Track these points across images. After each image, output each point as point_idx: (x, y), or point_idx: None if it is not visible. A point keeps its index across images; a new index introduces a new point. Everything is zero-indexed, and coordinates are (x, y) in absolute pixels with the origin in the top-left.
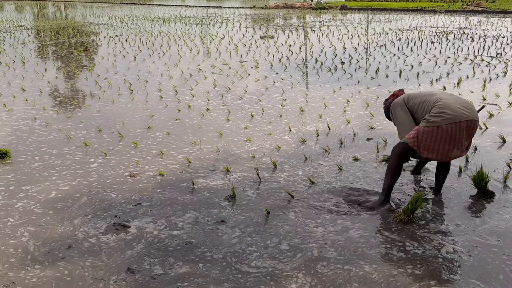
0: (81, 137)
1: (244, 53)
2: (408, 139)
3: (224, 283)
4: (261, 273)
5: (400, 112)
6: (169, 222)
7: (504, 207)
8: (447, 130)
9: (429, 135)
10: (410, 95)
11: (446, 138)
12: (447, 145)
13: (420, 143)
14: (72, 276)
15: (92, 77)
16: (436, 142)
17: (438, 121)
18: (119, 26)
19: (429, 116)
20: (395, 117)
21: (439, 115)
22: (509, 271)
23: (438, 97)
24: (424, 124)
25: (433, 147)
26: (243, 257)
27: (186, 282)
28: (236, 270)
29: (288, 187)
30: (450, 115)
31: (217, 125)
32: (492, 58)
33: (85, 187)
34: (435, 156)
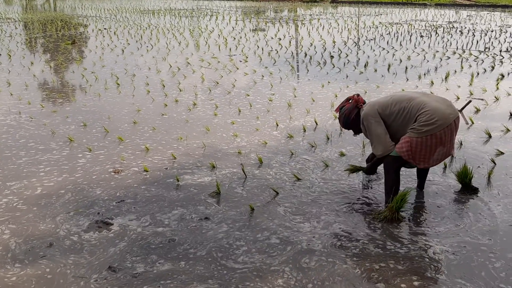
0: (67, 132)
1: (233, 47)
2: (402, 153)
3: (209, 279)
4: (248, 269)
5: (374, 124)
6: (153, 219)
7: (489, 203)
8: (440, 136)
9: (423, 145)
10: (381, 103)
11: (439, 143)
12: (440, 150)
13: (415, 155)
14: (53, 274)
15: (79, 71)
16: (432, 150)
17: (432, 129)
18: (108, 19)
19: (419, 125)
20: (369, 130)
21: (432, 122)
22: (491, 268)
23: (420, 101)
24: (415, 134)
25: (428, 156)
26: (229, 253)
27: (169, 280)
28: (222, 266)
29: (274, 184)
30: (441, 120)
31: (204, 120)
32: (480, 53)
33: (70, 183)
34: (431, 164)
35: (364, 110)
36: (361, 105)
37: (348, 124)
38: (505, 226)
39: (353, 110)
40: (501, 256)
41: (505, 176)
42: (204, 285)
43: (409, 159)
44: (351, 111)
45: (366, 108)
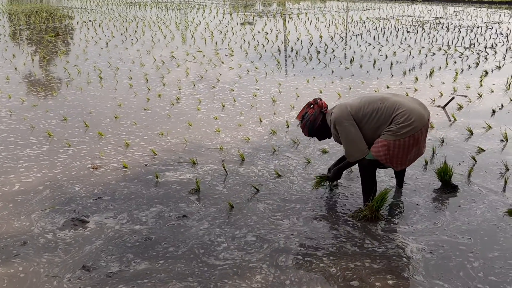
0: (47, 127)
1: (220, 41)
2: (379, 157)
3: (189, 277)
4: (228, 265)
5: (349, 128)
6: (131, 217)
7: (472, 201)
8: (418, 137)
9: (401, 147)
10: (353, 105)
11: (415, 144)
12: (416, 150)
13: (392, 158)
14: (26, 273)
15: (62, 64)
16: (409, 151)
17: (410, 130)
18: (94, 11)
19: (397, 127)
20: (343, 134)
21: (409, 123)
22: (470, 267)
23: (395, 102)
24: (393, 137)
25: (405, 158)
26: (211, 250)
27: (147, 279)
28: (203, 262)
29: (255, 180)
30: (418, 121)
31: (187, 116)
32: (465, 49)
33: (48, 180)
34: (407, 165)
35: (334, 113)
36: (326, 110)
37: (313, 131)
38: (486, 225)
39: (318, 115)
40: (481, 255)
41: (485, 174)
42: (184, 283)
43: (387, 163)
44: (316, 117)
45: (337, 112)
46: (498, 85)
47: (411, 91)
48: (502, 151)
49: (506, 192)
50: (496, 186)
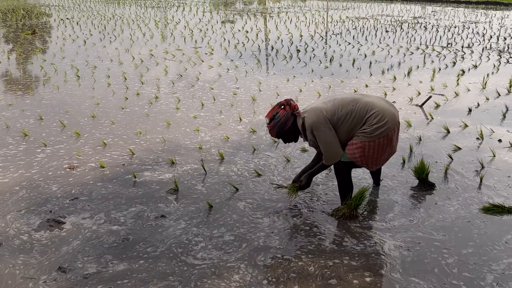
0: (23, 126)
1: (200, 39)
2: (355, 159)
3: (169, 276)
4: (206, 265)
5: (327, 132)
6: (108, 217)
7: (447, 198)
8: (391, 136)
9: (376, 148)
10: (327, 109)
11: (389, 143)
12: (389, 149)
13: (368, 159)
14: (1, 274)
15: (38, 62)
16: (383, 151)
17: (384, 130)
18: (71, 8)
19: (371, 128)
20: (321, 138)
21: (383, 124)
22: (444, 264)
23: (366, 103)
24: (367, 138)
25: (380, 158)
26: (189, 249)
27: (127, 279)
28: (182, 262)
29: (235, 180)
30: (391, 121)
31: (165, 114)
32: (443, 48)
33: (24, 180)
34: (381, 165)
35: (310, 118)
36: (297, 112)
37: (282, 133)
38: (461, 222)
39: (290, 117)
40: (455, 252)
41: (461, 171)
42: (165, 282)
43: (363, 164)
44: (288, 118)
45: (313, 117)
46: (475, 84)
47: (389, 90)
48: (478, 149)
49: (482, 189)
50: (472, 184)
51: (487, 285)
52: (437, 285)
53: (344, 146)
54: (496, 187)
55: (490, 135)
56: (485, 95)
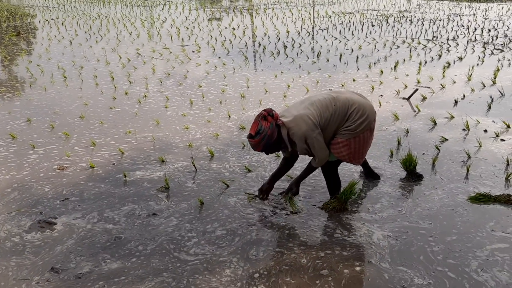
0: (10, 128)
1: (186, 37)
2: (342, 157)
3: (163, 272)
4: (199, 260)
5: (318, 137)
6: (100, 217)
7: (434, 188)
8: (372, 128)
9: (361, 142)
10: (312, 114)
11: (371, 135)
12: (371, 143)
13: (355, 154)
14: None
15: (24, 64)
16: (367, 145)
17: (367, 123)
18: (56, 9)
19: (355, 124)
20: (314, 145)
21: (365, 118)
22: (430, 251)
23: (345, 99)
24: (351, 135)
25: (365, 151)
26: (181, 245)
27: (123, 276)
28: (175, 258)
29: (225, 176)
30: (371, 114)
31: (154, 113)
32: (428, 41)
33: (14, 182)
34: (364, 158)
35: (299, 127)
36: (280, 122)
37: (269, 146)
38: (446, 210)
39: (274, 129)
40: (441, 240)
41: (448, 161)
42: (160, 278)
43: (349, 160)
44: (273, 130)
45: (301, 125)
46: (460, 76)
47: (376, 84)
48: (464, 140)
49: (469, 179)
50: (459, 174)
51: (472, 271)
52: (424, 273)
53: (327, 145)
54: (482, 177)
55: (476, 126)
56: (471, 86)
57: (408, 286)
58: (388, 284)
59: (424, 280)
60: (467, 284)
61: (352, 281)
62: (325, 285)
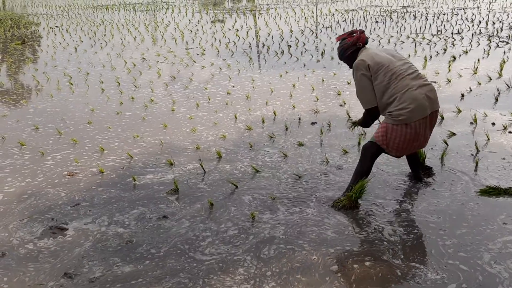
0: (18, 136)
1: (190, 40)
2: (377, 138)
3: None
4: (214, 260)
5: (362, 78)
6: (111, 221)
7: (442, 182)
8: (416, 127)
9: (398, 133)
10: (374, 59)
11: (414, 135)
12: (413, 142)
13: (389, 141)
14: (10, 283)
15: (30, 72)
16: (407, 141)
17: (405, 118)
18: (60, 16)
19: (396, 112)
20: (356, 80)
21: (407, 112)
22: (441, 245)
23: (405, 85)
24: (392, 121)
25: (401, 146)
26: (194, 246)
27: (141, 278)
28: (191, 258)
29: (234, 177)
30: (417, 111)
31: (161, 117)
32: (433, 36)
33: (24, 190)
34: (402, 154)
35: (358, 58)
36: (360, 45)
37: (343, 58)
38: (456, 204)
39: (351, 47)
40: (451, 233)
41: (457, 155)
42: (177, 278)
43: (383, 145)
44: (349, 47)
45: (360, 58)
46: (466, 70)
47: None
48: (473, 133)
49: (478, 172)
50: (467, 167)
51: (485, 264)
52: (436, 267)
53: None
54: (491, 170)
55: (483, 119)
56: (477, 80)
57: (422, 282)
58: (400, 280)
59: (437, 275)
60: (481, 276)
61: (363, 277)
62: (335, 281)
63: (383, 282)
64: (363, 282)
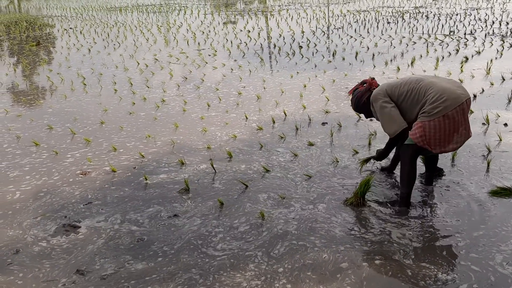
0: (32, 136)
1: (202, 41)
2: (415, 139)
3: (192, 268)
4: (227, 255)
5: (384, 104)
6: (123, 219)
7: (453, 183)
8: (453, 116)
9: (437, 128)
10: (390, 84)
11: (452, 124)
12: (454, 133)
13: (429, 140)
14: (24, 280)
15: (44, 73)
16: (446, 132)
17: (442, 108)
18: (74, 18)
19: (430, 108)
20: (378, 109)
21: (441, 102)
22: (454, 246)
23: (429, 83)
24: (427, 117)
25: (444, 140)
26: (206, 242)
27: (155, 275)
28: (203, 253)
29: (244, 176)
30: (451, 100)
31: (172, 117)
32: (445, 36)
33: (37, 188)
34: (448, 149)
35: (373, 92)
36: (373, 89)
37: (358, 107)
38: (469, 206)
39: (365, 93)
40: (467, 235)
41: (468, 156)
42: (188, 274)
43: (424, 145)
44: (363, 94)
45: (376, 90)
46: (478, 70)
47: None
48: (485, 134)
49: (489, 173)
50: (479, 168)
51: (497, 265)
52: (448, 268)
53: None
54: (503, 170)
55: (496, 120)
56: (490, 80)
57: (433, 283)
58: (411, 280)
59: (448, 275)
60: (493, 277)
61: (372, 275)
62: (346, 278)
63: (393, 281)
64: (374, 281)
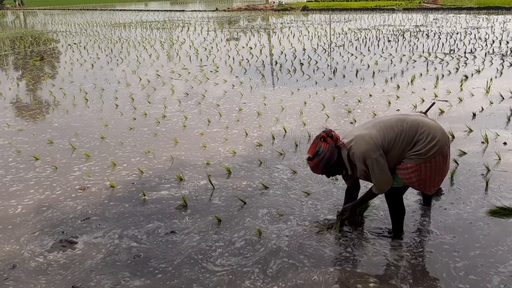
0: (32, 150)
1: (205, 57)
2: (411, 184)
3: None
4: (226, 271)
5: (379, 159)
6: (120, 235)
7: (451, 202)
8: (446, 153)
9: (432, 168)
10: (374, 135)
11: (445, 162)
12: (445, 170)
13: (425, 182)
14: None
15: (47, 88)
16: (440, 171)
17: (437, 149)
18: (78, 33)
19: (425, 149)
20: (374, 167)
21: (436, 143)
22: (453, 267)
23: (414, 121)
24: (422, 160)
25: (439, 179)
26: (206, 257)
27: None
28: (203, 268)
29: (242, 193)
30: (442, 138)
31: (173, 133)
32: (445, 55)
33: (36, 203)
34: (438, 186)
35: (358, 146)
36: (341, 143)
37: (329, 169)
38: (465, 224)
39: (334, 150)
40: (464, 255)
41: (467, 174)
42: None
43: (420, 188)
44: (332, 152)
45: (362, 144)
46: (478, 89)
47: (393, 99)
48: (484, 153)
49: (488, 192)
50: (478, 187)
51: (494, 287)
52: None
53: (392, 171)
54: (502, 189)
55: (495, 139)
56: (489, 99)
57: None
58: None
59: None
60: None
61: None
62: None
63: None
64: None
